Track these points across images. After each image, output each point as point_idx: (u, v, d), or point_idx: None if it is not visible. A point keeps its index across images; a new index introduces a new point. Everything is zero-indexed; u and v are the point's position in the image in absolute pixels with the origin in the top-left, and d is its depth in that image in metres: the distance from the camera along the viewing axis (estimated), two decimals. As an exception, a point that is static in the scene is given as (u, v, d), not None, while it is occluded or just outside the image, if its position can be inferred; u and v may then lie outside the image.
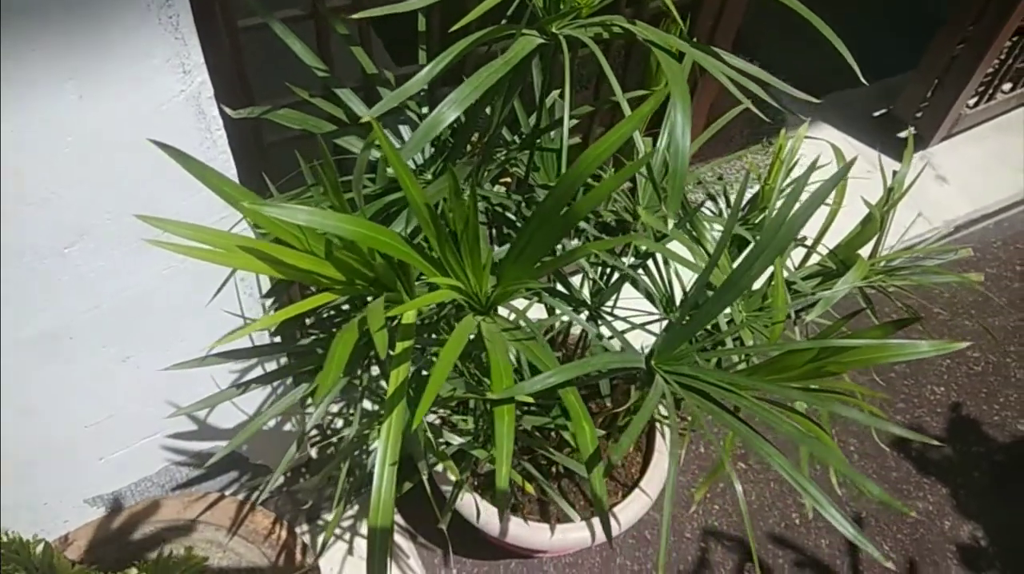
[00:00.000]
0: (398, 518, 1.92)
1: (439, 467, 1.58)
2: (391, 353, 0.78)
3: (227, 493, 1.66)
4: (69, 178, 0.95)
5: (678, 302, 1.19)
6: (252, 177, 1.18)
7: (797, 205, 0.71)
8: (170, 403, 1.37)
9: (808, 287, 1.12)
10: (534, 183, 1.03)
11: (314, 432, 1.84)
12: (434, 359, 1.09)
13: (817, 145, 1.85)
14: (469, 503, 1.56)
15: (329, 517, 1.93)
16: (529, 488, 1.17)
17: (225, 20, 1.15)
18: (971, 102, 2.70)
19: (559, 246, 1.00)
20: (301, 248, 0.72)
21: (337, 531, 1.88)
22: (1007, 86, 2.76)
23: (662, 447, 1.71)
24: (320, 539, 1.89)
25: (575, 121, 1.18)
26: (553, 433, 1.48)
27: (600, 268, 1.20)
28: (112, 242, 1.06)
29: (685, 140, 0.72)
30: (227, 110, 1.01)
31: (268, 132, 1.34)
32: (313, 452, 1.83)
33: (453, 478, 1.10)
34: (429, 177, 0.96)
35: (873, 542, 2.08)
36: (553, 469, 1.65)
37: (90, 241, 1.04)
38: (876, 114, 2.85)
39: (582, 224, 1.02)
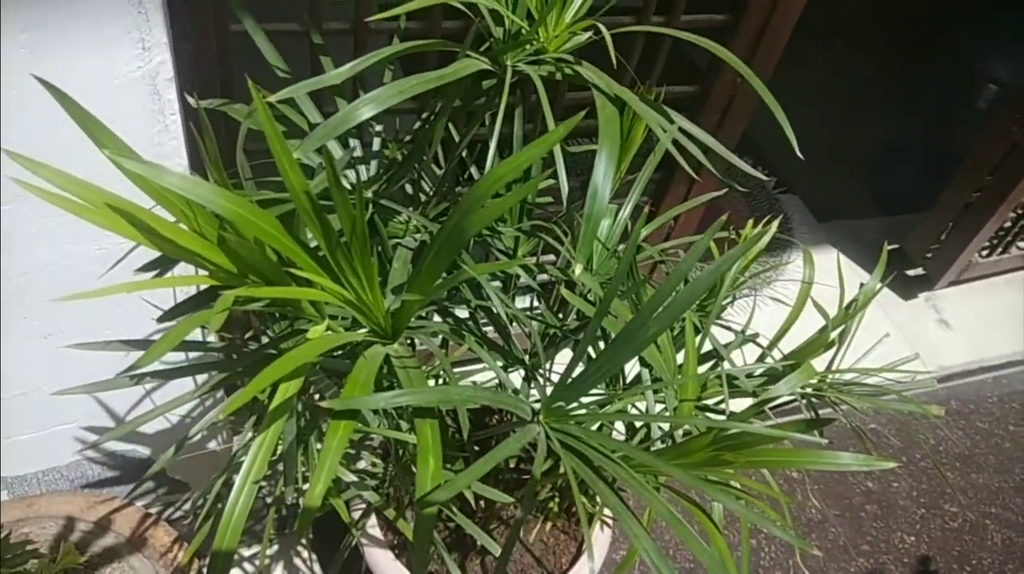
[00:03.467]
0: (316, 567, 1.83)
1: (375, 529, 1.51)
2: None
3: (139, 504, 1.59)
4: (8, 132, 0.94)
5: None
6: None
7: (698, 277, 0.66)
8: (89, 394, 1.32)
9: (751, 386, 1.06)
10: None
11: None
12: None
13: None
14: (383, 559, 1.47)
15: (247, 552, 1.84)
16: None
17: (216, 20, 1.16)
18: (983, 252, 2.66)
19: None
20: (190, 227, 0.69)
21: (250, 569, 1.79)
22: None
23: (599, 539, 1.62)
24: None
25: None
26: (482, 504, 1.41)
27: (544, 329, 1.15)
28: (48, 208, 1.03)
29: (606, 186, 0.68)
30: (189, 98, 1.00)
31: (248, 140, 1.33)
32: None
33: (345, 519, 1.03)
34: (369, 194, 0.93)
35: None
36: (476, 544, 1.57)
37: (26, 203, 1.02)
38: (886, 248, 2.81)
39: (518, 271, 0.98)
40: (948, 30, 3.00)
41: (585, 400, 0.84)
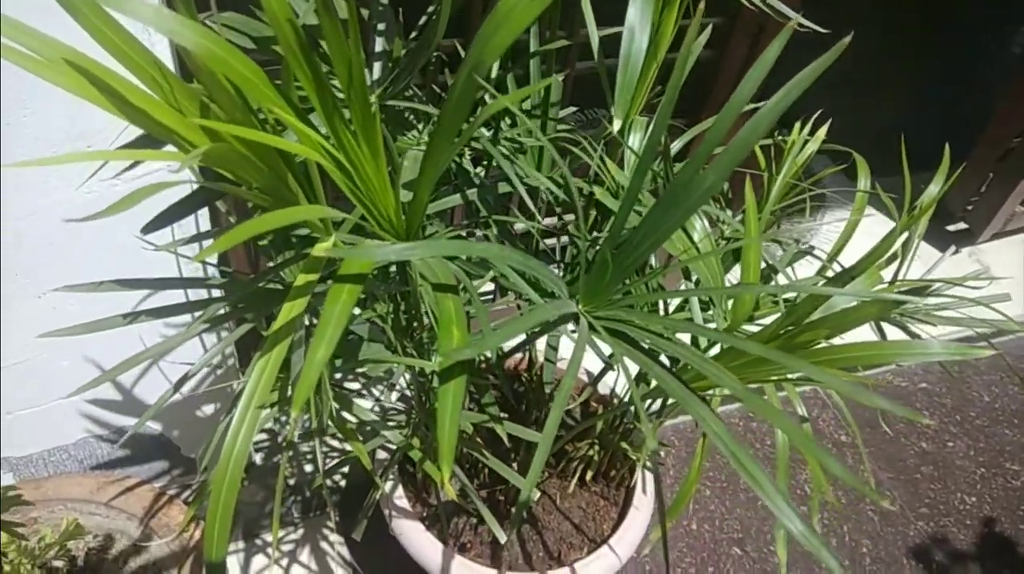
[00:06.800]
0: (343, 550, 1.74)
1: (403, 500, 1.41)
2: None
3: (156, 485, 1.50)
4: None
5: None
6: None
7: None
8: (88, 359, 1.24)
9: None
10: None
11: (262, 436, 1.68)
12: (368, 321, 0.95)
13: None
14: (414, 532, 1.38)
15: (269, 537, 1.76)
16: (451, 491, 0.99)
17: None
18: (1027, 201, 2.52)
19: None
20: (166, 101, 0.60)
21: (275, 554, 1.70)
22: (1069, 189, 2.58)
23: (641, 503, 1.51)
24: (255, 561, 1.72)
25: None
26: (513, 457, 1.31)
27: (575, 256, 1.06)
28: (30, 144, 0.96)
29: (644, 27, 0.58)
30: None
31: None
32: (258, 458, 1.67)
33: (367, 466, 0.93)
34: (373, 99, 0.84)
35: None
36: (509, 510, 1.47)
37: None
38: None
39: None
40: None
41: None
